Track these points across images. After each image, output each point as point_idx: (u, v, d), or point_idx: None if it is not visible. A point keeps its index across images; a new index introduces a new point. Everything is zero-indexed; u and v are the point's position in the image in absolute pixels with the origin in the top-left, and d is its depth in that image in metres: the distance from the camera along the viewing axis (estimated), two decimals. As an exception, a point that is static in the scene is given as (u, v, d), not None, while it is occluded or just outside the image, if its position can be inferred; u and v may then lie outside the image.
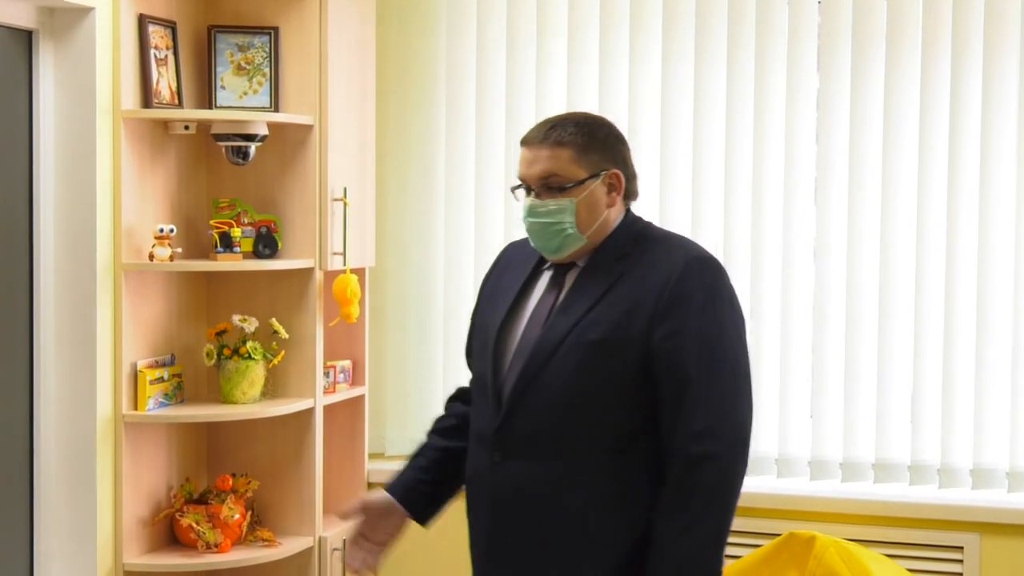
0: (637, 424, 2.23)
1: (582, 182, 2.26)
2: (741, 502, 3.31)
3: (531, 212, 2.29)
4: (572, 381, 2.22)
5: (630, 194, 2.35)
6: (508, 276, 2.43)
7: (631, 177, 2.34)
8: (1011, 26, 3.21)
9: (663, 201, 3.47)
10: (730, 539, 3.27)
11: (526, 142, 2.33)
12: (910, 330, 3.32)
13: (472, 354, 2.49)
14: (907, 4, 3.28)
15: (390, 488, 2.48)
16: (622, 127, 3.41)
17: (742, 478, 2.25)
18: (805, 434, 3.42)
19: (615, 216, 2.33)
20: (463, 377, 3.60)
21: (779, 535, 3.24)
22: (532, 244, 2.33)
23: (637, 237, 2.32)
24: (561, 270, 2.33)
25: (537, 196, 2.28)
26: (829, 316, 3.37)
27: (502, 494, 2.29)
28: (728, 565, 3.29)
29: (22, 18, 2.90)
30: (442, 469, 2.50)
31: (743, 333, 2.28)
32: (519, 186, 2.33)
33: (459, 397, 2.59)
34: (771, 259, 3.43)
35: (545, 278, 2.35)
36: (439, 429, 2.56)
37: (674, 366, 2.18)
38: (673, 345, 2.18)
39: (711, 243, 3.41)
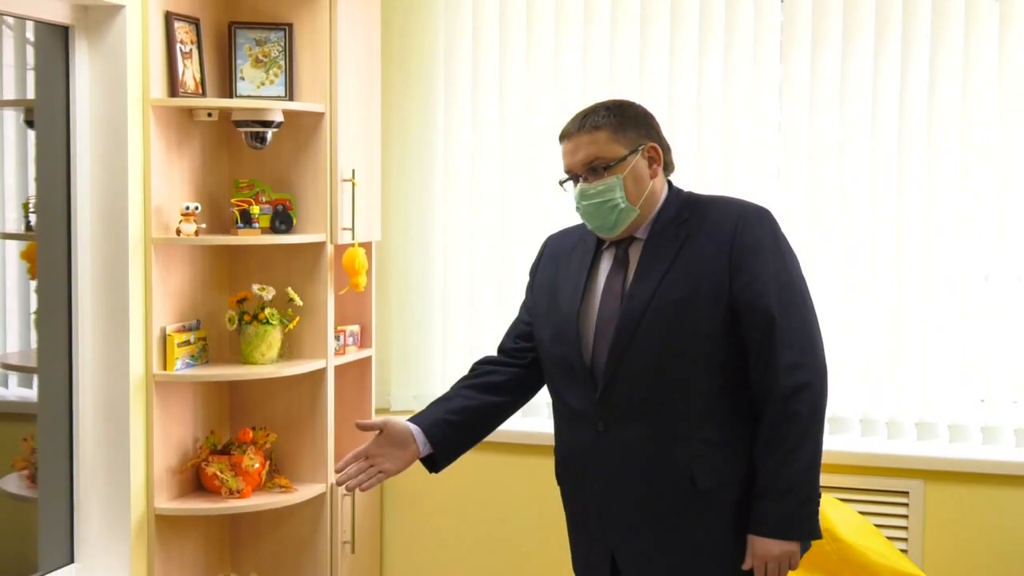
0: (729, 372, 2.22)
1: (624, 158, 2.25)
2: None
3: (583, 196, 2.27)
4: (663, 343, 2.20)
5: (668, 166, 2.34)
6: (567, 263, 2.40)
7: (667, 150, 2.33)
8: (953, 23, 3.21)
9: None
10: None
11: (565, 135, 2.33)
12: (859, 296, 3.32)
13: (537, 340, 2.43)
14: (861, 3, 3.27)
15: (415, 419, 2.42)
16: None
17: (827, 402, 2.23)
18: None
19: (660, 188, 2.31)
20: (460, 339, 3.64)
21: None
22: (590, 227, 2.32)
23: (689, 203, 2.31)
24: (623, 247, 2.31)
25: (585, 180, 2.27)
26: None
27: (611, 460, 2.27)
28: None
29: (59, 15, 2.88)
30: (471, 417, 2.47)
31: (802, 271, 2.28)
32: (567, 179, 2.33)
33: (489, 362, 2.55)
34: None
35: (607, 258, 2.33)
36: (478, 384, 2.50)
37: (759, 310, 2.17)
38: (753, 292, 2.17)
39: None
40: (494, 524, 3.57)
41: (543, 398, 3.53)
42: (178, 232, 3.07)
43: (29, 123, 3.02)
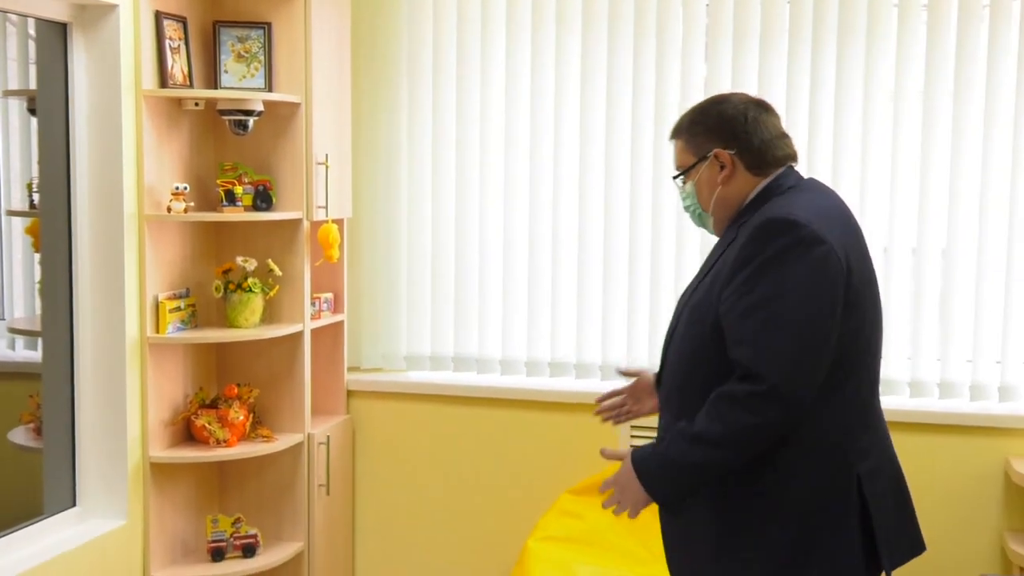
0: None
1: (693, 166, 2.08)
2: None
3: (682, 199, 2.16)
4: (680, 345, 2.05)
5: (755, 165, 2.04)
6: None
7: (746, 150, 2.03)
8: (857, 26, 3.24)
9: (583, 175, 3.49)
10: (642, 433, 3.37)
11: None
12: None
13: None
14: (776, 7, 3.29)
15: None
16: (545, 106, 3.48)
17: (731, 448, 1.89)
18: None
19: (738, 191, 2.05)
20: (423, 305, 3.66)
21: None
22: None
23: (758, 206, 2.01)
24: None
25: (681, 186, 2.14)
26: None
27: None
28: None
29: (58, 13, 2.86)
30: None
31: (789, 297, 1.86)
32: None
33: None
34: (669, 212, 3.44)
35: None
36: None
37: (726, 332, 1.92)
38: (724, 310, 1.92)
39: (613, 211, 3.46)
40: (454, 468, 3.60)
41: (497, 354, 3.60)
42: (168, 210, 3.06)
43: (32, 111, 2.99)
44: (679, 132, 2.12)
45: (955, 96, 3.20)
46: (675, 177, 2.13)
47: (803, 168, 3.29)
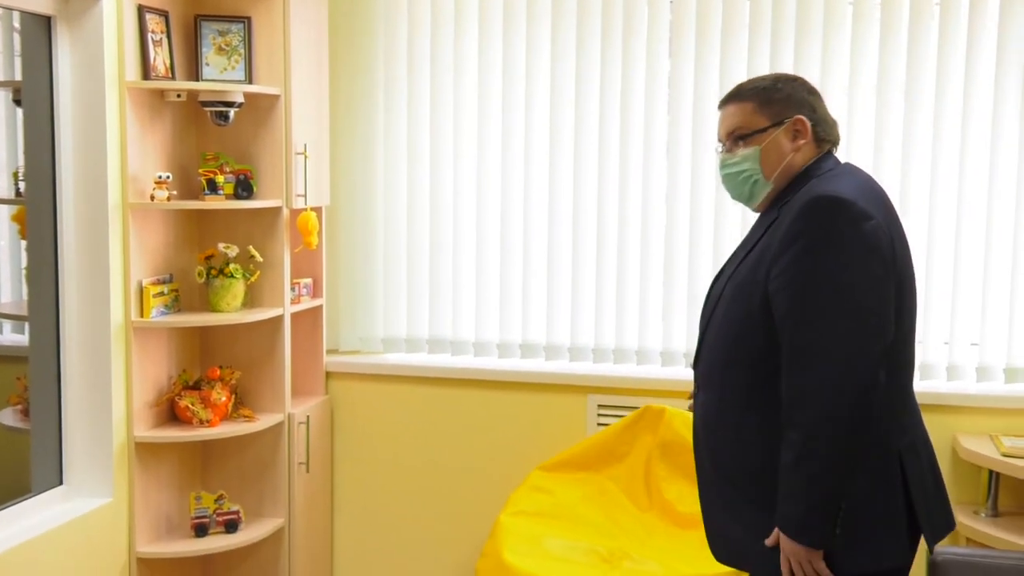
0: (770, 368, 1.90)
1: (764, 130, 1.97)
2: (617, 383, 3.42)
3: (722, 165, 2.03)
4: (722, 323, 1.98)
5: (822, 139, 2.00)
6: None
7: (819, 122, 1.99)
8: (814, 23, 3.26)
9: (552, 165, 3.49)
10: (609, 411, 3.40)
11: (720, 104, 2.07)
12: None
13: None
14: (737, 5, 3.31)
15: None
16: (516, 98, 3.48)
17: (842, 432, 1.80)
18: (657, 330, 3.47)
19: (799, 163, 1.99)
20: (398, 289, 3.66)
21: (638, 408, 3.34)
22: (731, 197, 2.09)
23: (803, 183, 1.95)
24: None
25: (728, 151, 2.03)
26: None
27: (696, 419, 2.10)
28: (597, 432, 3.40)
29: (43, 6, 2.83)
30: None
31: (848, 276, 1.80)
32: (719, 146, 2.08)
33: None
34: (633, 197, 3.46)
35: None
36: None
37: (776, 307, 1.86)
38: (774, 288, 1.86)
39: (582, 197, 3.47)
40: (429, 446, 3.62)
41: (471, 336, 3.61)
42: (152, 198, 3.05)
43: (17, 102, 2.96)
44: (750, 95, 1.99)
45: (906, 90, 3.23)
46: (741, 138, 1.99)
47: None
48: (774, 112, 1.98)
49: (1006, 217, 3.20)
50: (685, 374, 3.35)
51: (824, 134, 2.01)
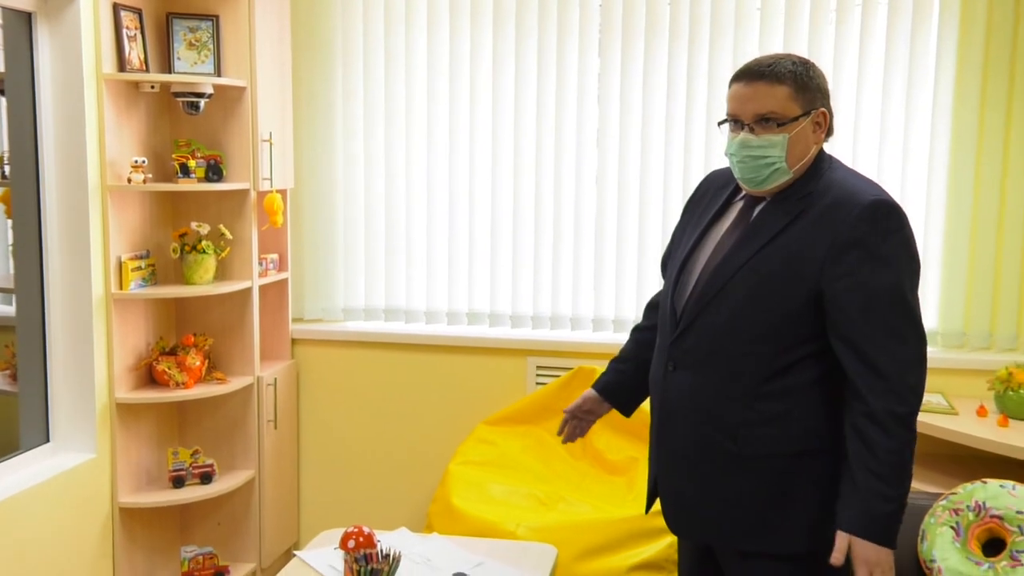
0: (802, 353, 1.76)
1: (796, 118, 1.76)
2: (553, 347, 3.46)
3: (744, 146, 1.77)
4: (740, 308, 1.77)
5: (831, 133, 1.84)
6: (705, 203, 1.96)
7: (832, 117, 1.83)
8: (726, 25, 3.30)
9: (494, 150, 3.50)
10: (546, 372, 3.44)
11: (743, 77, 1.78)
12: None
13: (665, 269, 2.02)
14: (658, 8, 3.34)
15: (596, 385, 2.17)
16: (461, 89, 3.48)
17: (915, 438, 1.72)
18: (589, 299, 3.50)
19: (814, 154, 1.81)
20: (357, 264, 3.66)
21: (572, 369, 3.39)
22: (737, 176, 1.83)
23: (822, 177, 1.79)
24: (751, 203, 1.84)
25: (751, 131, 1.77)
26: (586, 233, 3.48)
27: (670, 399, 1.88)
28: (536, 390, 3.44)
29: (23, 3, 2.78)
30: (642, 373, 2.06)
31: (915, 279, 1.73)
32: (725, 120, 1.83)
33: (655, 305, 2.12)
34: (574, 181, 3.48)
35: (736, 210, 1.88)
36: (639, 339, 2.12)
37: (843, 309, 1.70)
38: (843, 287, 1.70)
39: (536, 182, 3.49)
40: (385, 405, 3.63)
41: (422, 306, 3.62)
42: (129, 180, 3.01)
43: (0, 91, 2.90)
44: (788, 78, 1.76)
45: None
46: (774, 124, 1.76)
47: (679, 156, 3.38)
48: (807, 100, 1.77)
49: (892, 185, 3.26)
50: (614, 339, 3.43)
51: (832, 128, 1.85)
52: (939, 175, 3.23)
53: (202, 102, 3.14)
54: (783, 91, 1.75)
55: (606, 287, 3.47)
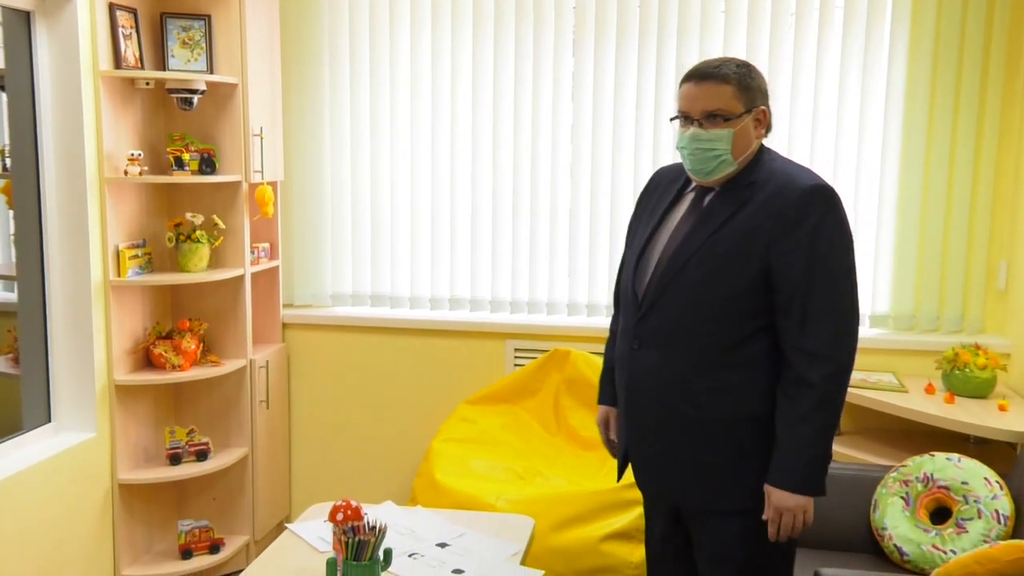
0: (756, 326, 1.84)
1: (740, 115, 1.85)
2: (530, 331, 3.48)
3: (693, 139, 1.85)
4: (699, 287, 1.84)
5: (768, 129, 1.92)
6: (657, 196, 2.02)
7: (770, 114, 1.92)
8: (691, 28, 3.31)
9: (474, 143, 3.49)
10: (523, 354, 3.46)
11: (692, 78, 1.87)
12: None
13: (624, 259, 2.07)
14: (629, 11, 3.34)
15: (605, 400, 2.18)
16: (442, 86, 3.47)
17: (847, 382, 1.82)
18: (564, 286, 3.51)
19: (756, 147, 1.90)
20: (344, 252, 3.65)
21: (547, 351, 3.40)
22: (687, 168, 1.90)
23: (764, 168, 1.88)
24: (702, 193, 1.92)
25: (700, 126, 1.85)
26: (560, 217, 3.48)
27: (636, 375, 1.93)
28: (514, 371, 3.45)
29: (22, 2, 2.74)
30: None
31: (851, 254, 1.83)
32: (676, 117, 1.90)
33: (615, 319, 2.16)
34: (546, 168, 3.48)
35: (687, 200, 1.95)
36: (614, 344, 2.13)
37: (786, 282, 1.80)
38: (783, 263, 1.79)
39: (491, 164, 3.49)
40: (372, 385, 3.63)
41: (407, 292, 3.62)
42: (126, 173, 2.98)
43: (1, 87, 2.86)
44: (733, 79, 1.84)
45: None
46: (721, 120, 1.84)
47: (648, 150, 3.39)
48: (749, 99, 1.86)
49: (847, 178, 3.30)
50: (587, 322, 3.45)
51: (771, 125, 1.94)
52: (891, 169, 3.27)
53: (195, 98, 3.11)
54: (729, 90, 1.84)
55: (580, 274, 3.48)
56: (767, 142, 1.96)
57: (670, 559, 2.09)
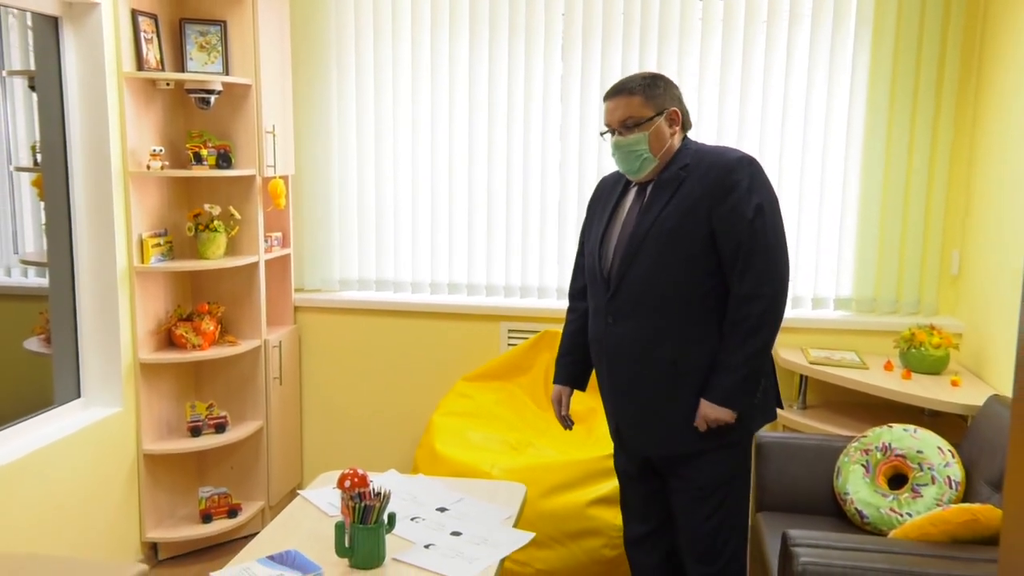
0: (708, 285, 1.98)
1: (651, 119, 2.00)
2: (522, 313, 3.48)
3: (617, 147, 2.02)
4: (657, 260, 1.98)
5: (686, 125, 2.07)
6: (603, 198, 2.17)
7: (685, 112, 2.06)
8: (671, 32, 3.30)
9: (470, 140, 3.48)
10: (516, 335, 3.46)
11: (607, 97, 2.04)
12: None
13: (583, 254, 2.23)
14: (614, 17, 3.32)
15: (559, 380, 2.30)
16: (441, 88, 3.45)
17: (779, 319, 1.97)
18: (553, 272, 3.50)
19: (677, 142, 2.04)
20: (351, 241, 3.64)
21: (537, 332, 3.39)
22: (619, 169, 2.07)
23: (692, 153, 2.02)
24: (642, 186, 2.06)
25: (620, 134, 2.02)
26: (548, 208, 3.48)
27: (615, 347, 2.06)
28: (507, 351, 3.45)
29: (51, 9, 2.72)
30: (582, 354, 2.27)
31: (778, 209, 1.98)
32: (606, 131, 2.06)
33: (576, 294, 2.31)
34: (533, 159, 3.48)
35: (632, 194, 2.09)
36: (572, 331, 2.29)
37: (729, 237, 1.94)
38: (728, 223, 1.93)
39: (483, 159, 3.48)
40: (376, 364, 3.63)
41: (409, 277, 3.61)
42: (148, 167, 2.97)
43: (32, 87, 2.84)
44: (638, 90, 2.00)
45: (741, 92, 3.30)
46: (634, 126, 2.00)
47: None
48: (657, 104, 2.00)
49: (814, 170, 3.30)
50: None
51: (688, 121, 2.07)
52: (854, 165, 3.27)
53: (212, 98, 3.09)
54: (636, 100, 2.00)
55: (568, 261, 3.48)
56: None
57: (641, 507, 2.24)
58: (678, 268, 1.97)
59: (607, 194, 2.17)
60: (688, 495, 2.09)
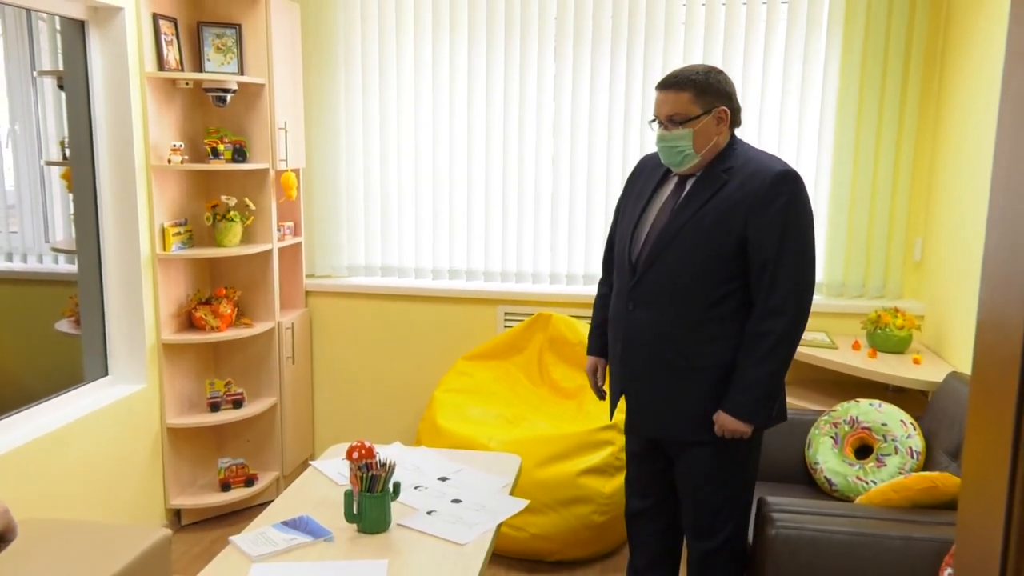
0: (732, 287, 1.89)
1: (697, 117, 1.88)
2: (518, 297, 3.48)
3: (661, 139, 1.91)
4: (687, 255, 1.88)
5: (735, 123, 1.93)
6: (642, 180, 2.05)
7: (736, 111, 1.92)
8: (656, 33, 3.28)
9: (469, 137, 3.47)
10: (512, 317, 3.46)
11: (659, 87, 1.91)
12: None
13: (616, 232, 2.11)
14: (603, 21, 3.30)
15: (593, 352, 2.20)
16: (442, 87, 3.44)
17: (800, 336, 1.87)
18: (547, 258, 3.51)
19: (723, 141, 1.92)
20: (358, 230, 3.64)
21: (532, 314, 3.40)
22: (662, 160, 1.96)
23: (739, 155, 1.91)
24: (683, 178, 1.96)
25: (665, 128, 1.90)
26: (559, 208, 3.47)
27: (632, 332, 1.98)
28: (504, 332, 3.46)
29: (77, 13, 2.70)
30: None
31: (811, 229, 1.86)
32: (653, 120, 1.94)
33: (610, 267, 2.21)
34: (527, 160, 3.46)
35: (671, 183, 1.98)
36: (604, 304, 2.18)
37: (759, 249, 1.84)
38: (757, 234, 1.83)
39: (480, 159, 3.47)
40: (383, 344, 3.64)
41: (412, 264, 3.61)
42: (169, 161, 2.96)
43: (60, 87, 2.82)
44: (688, 85, 1.87)
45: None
46: (680, 123, 1.88)
47: (619, 142, 3.37)
48: (706, 102, 1.87)
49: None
50: (567, 290, 3.45)
51: (738, 119, 1.94)
52: (825, 158, 3.27)
53: (228, 96, 3.08)
54: (685, 96, 1.87)
55: (560, 248, 3.48)
56: (744, 132, 1.96)
57: (647, 482, 2.17)
58: (704, 267, 1.88)
59: (647, 176, 2.05)
60: (693, 478, 2.03)
